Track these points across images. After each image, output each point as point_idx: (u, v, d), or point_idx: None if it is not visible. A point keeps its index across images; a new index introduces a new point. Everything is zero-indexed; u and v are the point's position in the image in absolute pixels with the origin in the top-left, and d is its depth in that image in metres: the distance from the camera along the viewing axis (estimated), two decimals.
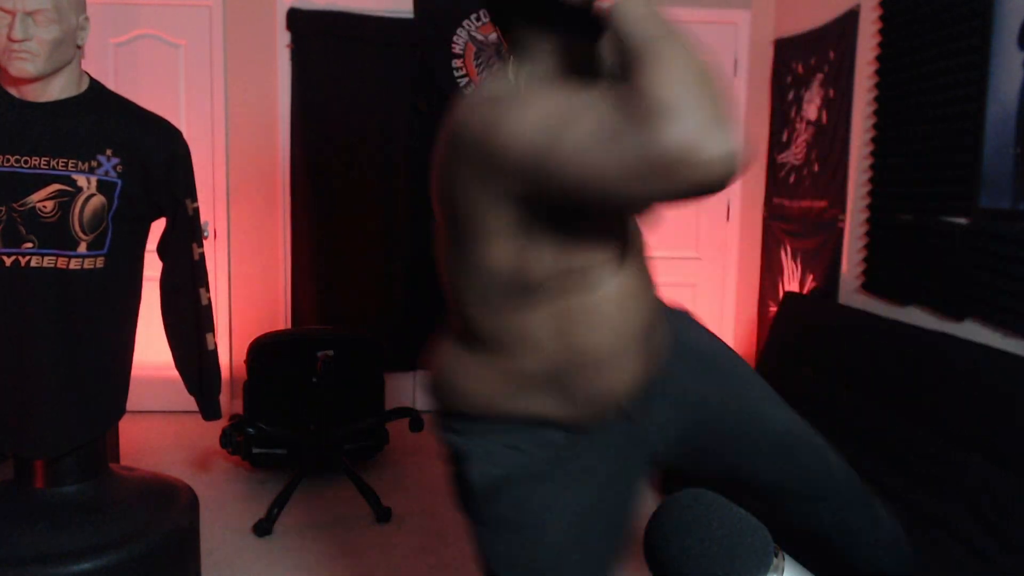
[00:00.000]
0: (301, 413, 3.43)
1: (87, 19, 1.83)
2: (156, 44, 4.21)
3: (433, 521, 3.06)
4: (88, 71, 1.90)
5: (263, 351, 3.50)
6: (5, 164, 1.75)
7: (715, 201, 4.49)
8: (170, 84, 4.23)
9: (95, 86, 1.89)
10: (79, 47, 1.82)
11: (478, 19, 4.23)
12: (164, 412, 4.37)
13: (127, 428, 4.07)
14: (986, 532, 2.09)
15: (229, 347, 4.37)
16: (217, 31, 4.21)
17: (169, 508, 2.09)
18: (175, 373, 4.79)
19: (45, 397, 1.82)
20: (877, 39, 3.18)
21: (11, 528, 1.86)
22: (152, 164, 1.89)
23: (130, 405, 4.22)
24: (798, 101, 4.00)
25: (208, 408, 2.15)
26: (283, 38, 4.22)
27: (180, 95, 4.25)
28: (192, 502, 2.19)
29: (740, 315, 4.58)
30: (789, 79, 4.11)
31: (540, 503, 1.21)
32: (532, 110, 0.99)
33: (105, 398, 1.98)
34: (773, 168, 4.33)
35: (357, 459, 3.48)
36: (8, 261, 1.75)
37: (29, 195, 1.75)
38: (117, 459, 3.61)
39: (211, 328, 2.10)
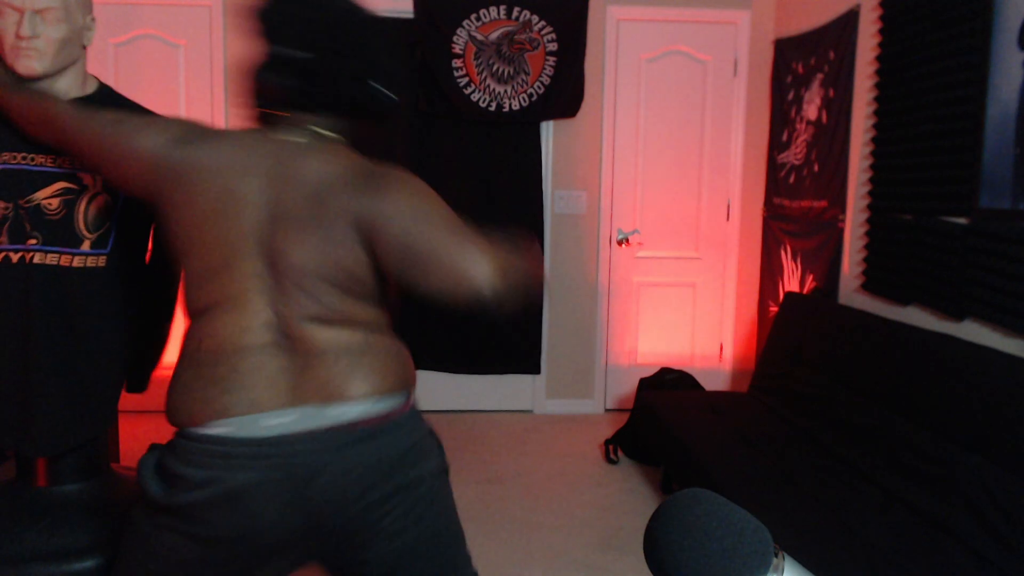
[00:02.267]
0: None
1: (94, 20, 1.84)
2: (156, 44, 4.22)
3: None
4: (89, 71, 1.90)
5: None
6: (12, 161, 1.76)
7: (715, 201, 4.50)
8: (170, 84, 4.24)
9: (104, 89, 1.90)
10: (84, 47, 1.83)
11: (478, 19, 4.23)
12: (163, 412, 4.37)
13: (127, 428, 4.07)
14: (985, 532, 2.09)
15: None
16: (217, 31, 4.21)
17: None
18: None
19: (45, 394, 1.83)
20: (877, 39, 3.19)
21: (13, 526, 1.87)
22: None
23: (130, 405, 4.24)
24: (798, 101, 4.00)
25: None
26: None
27: (180, 95, 4.25)
28: None
29: (740, 315, 4.58)
30: (789, 79, 4.11)
31: None
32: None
33: (105, 396, 1.98)
34: (773, 168, 4.33)
35: None
36: (14, 258, 1.76)
37: (35, 192, 1.76)
38: (117, 459, 3.61)
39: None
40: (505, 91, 4.25)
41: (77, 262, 1.80)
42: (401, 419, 1.41)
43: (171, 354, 1.66)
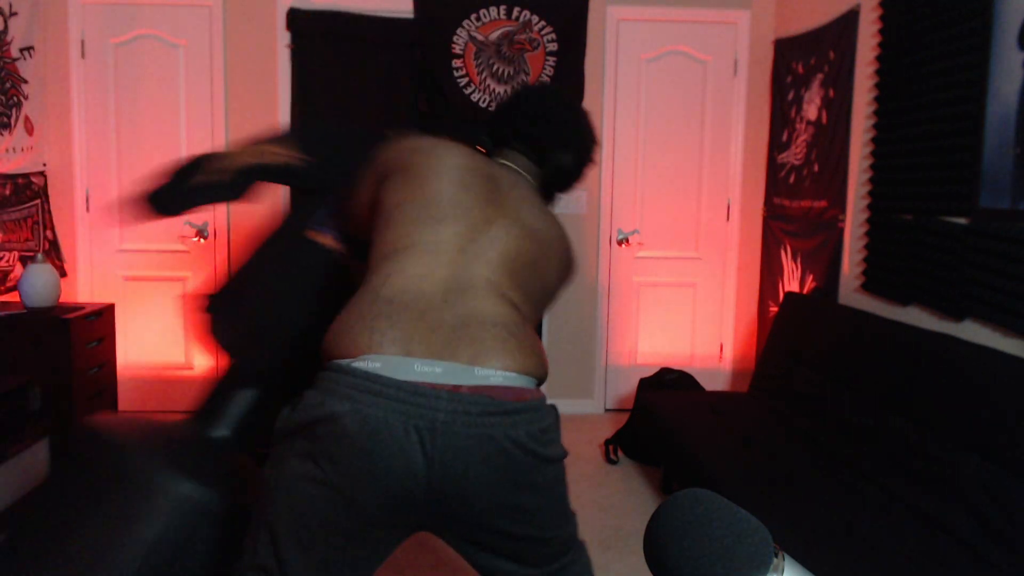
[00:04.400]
0: None
1: None
2: (156, 44, 4.22)
3: None
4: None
5: None
6: None
7: (715, 201, 4.50)
8: (170, 84, 4.24)
9: None
10: None
11: (478, 19, 4.23)
12: (164, 412, 4.37)
13: None
14: (985, 532, 2.09)
15: None
16: (217, 31, 4.21)
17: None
18: (175, 373, 4.79)
19: None
20: (877, 39, 3.19)
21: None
22: None
23: (130, 405, 4.25)
24: (798, 101, 4.00)
25: None
26: (283, 38, 4.23)
27: (180, 95, 4.25)
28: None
29: (740, 315, 4.58)
30: (789, 79, 4.11)
31: None
32: None
33: None
34: (773, 168, 4.33)
35: None
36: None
37: None
38: None
39: None
40: (505, 91, 4.25)
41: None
42: (535, 403, 1.43)
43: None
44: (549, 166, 1.84)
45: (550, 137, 1.81)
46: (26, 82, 3.89)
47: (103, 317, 3.41)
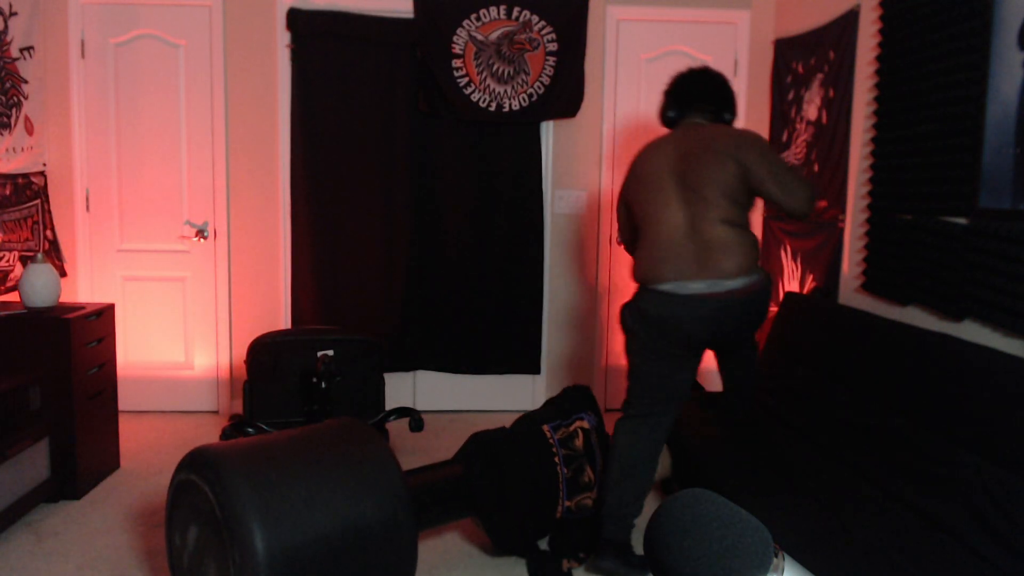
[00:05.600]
0: (301, 413, 3.43)
1: None
2: (156, 44, 4.22)
3: None
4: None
5: (263, 351, 3.51)
6: None
7: None
8: (170, 84, 4.24)
9: None
10: None
11: (478, 19, 4.23)
12: (164, 412, 4.37)
13: (127, 428, 4.07)
14: (985, 532, 2.09)
15: (229, 347, 4.38)
16: (217, 31, 4.21)
17: None
18: (174, 373, 4.79)
19: None
20: (877, 39, 3.19)
21: None
22: None
23: (130, 405, 4.25)
24: (798, 101, 4.00)
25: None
26: (283, 38, 4.23)
27: (180, 95, 4.25)
28: None
29: None
30: (789, 79, 4.11)
31: None
32: None
33: None
34: None
35: None
36: None
37: None
38: (117, 460, 3.61)
39: None
40: (505, 91, 4.25)
41: None
42: (754, 293, 2.48)
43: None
44: (719, 114, 2.71)
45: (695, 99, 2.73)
46: (26, 82, 3.89)
47: (103, 317, 3.41)
